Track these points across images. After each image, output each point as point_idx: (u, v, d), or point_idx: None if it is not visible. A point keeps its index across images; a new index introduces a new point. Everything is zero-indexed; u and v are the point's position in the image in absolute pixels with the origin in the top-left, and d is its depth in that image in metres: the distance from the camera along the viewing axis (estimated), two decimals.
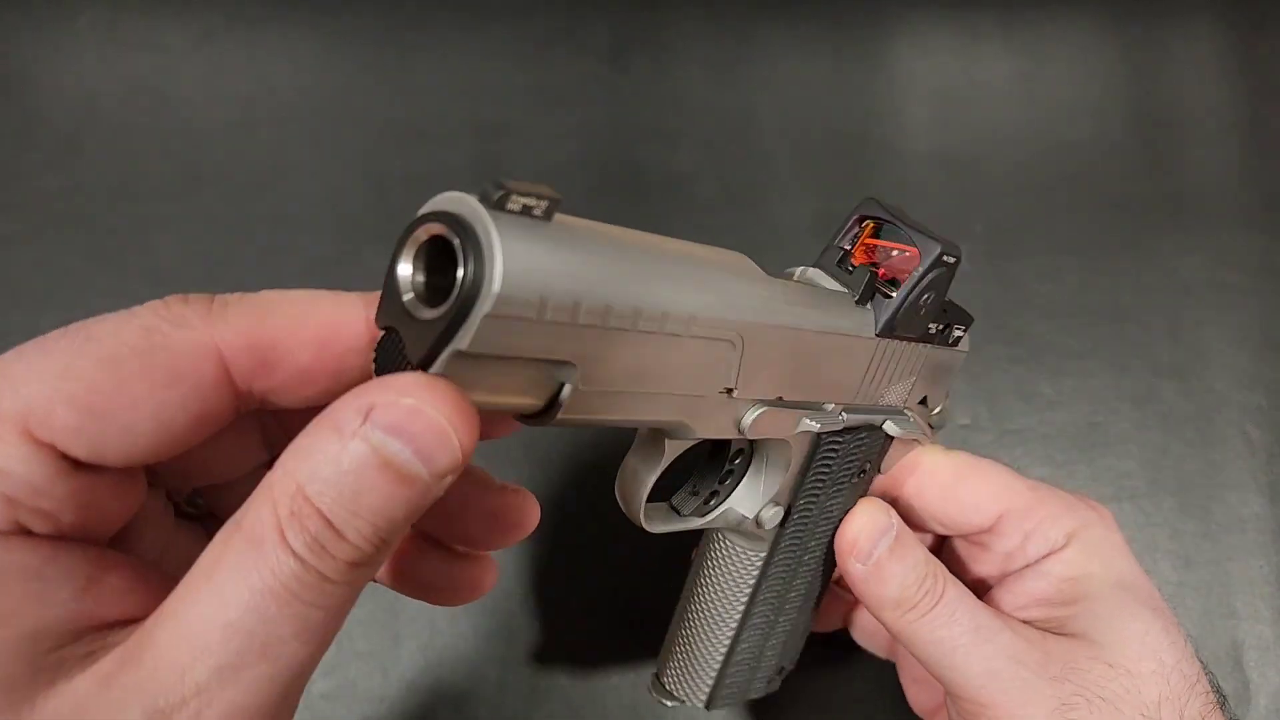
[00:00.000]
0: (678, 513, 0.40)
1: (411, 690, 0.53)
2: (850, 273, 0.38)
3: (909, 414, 0.44)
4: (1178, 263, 0.64)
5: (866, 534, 0.41)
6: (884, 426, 0.42)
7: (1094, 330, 0.63)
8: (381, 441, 0.23)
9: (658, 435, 0.34)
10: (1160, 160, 0.67)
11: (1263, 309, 0.64)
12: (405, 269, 0.24)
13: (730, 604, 0.44)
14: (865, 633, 0.52)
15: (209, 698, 0.22)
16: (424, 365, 0.24)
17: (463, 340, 0.23)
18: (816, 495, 0.42)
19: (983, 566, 0.46)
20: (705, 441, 0.39)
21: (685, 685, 0.45)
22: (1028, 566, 0.44)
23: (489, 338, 0.23)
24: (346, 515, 0.23)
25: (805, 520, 0.42)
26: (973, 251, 0.64)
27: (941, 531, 0.46)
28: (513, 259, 0.23)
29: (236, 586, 0.22)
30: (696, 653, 0.45)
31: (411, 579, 0.35)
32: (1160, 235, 0.65)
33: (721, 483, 0.40)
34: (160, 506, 0.31)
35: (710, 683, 0.45)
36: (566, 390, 0.27)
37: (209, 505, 0.33)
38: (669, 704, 0.46)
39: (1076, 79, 0.69)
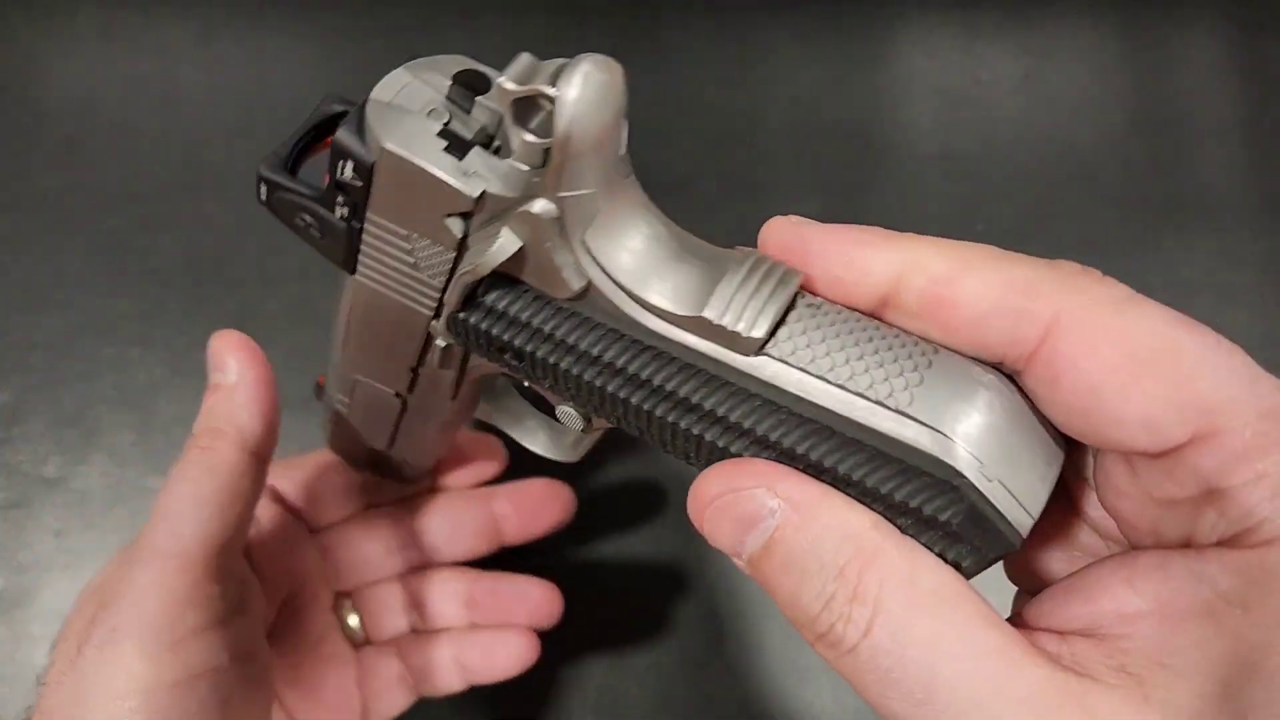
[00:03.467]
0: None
1: None
2: None
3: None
4: (1181, 263, 0.64)
5: (725, 530, 0.24)
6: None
7: None
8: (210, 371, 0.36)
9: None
10: (1164, 160, 0.67)
11: (1267, 310, 0.64)
12: None
13: None
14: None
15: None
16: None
17: None
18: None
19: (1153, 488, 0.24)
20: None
21: None
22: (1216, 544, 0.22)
23: None
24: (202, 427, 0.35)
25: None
26: None
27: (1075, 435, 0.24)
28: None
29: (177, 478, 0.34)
30: None
31: None
32: (1164, 235, 0.65)
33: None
34: None
35: None
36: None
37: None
38: None
39: (1080, 78, 0.69)
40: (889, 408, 0.23)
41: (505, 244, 0.25)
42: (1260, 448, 0.21)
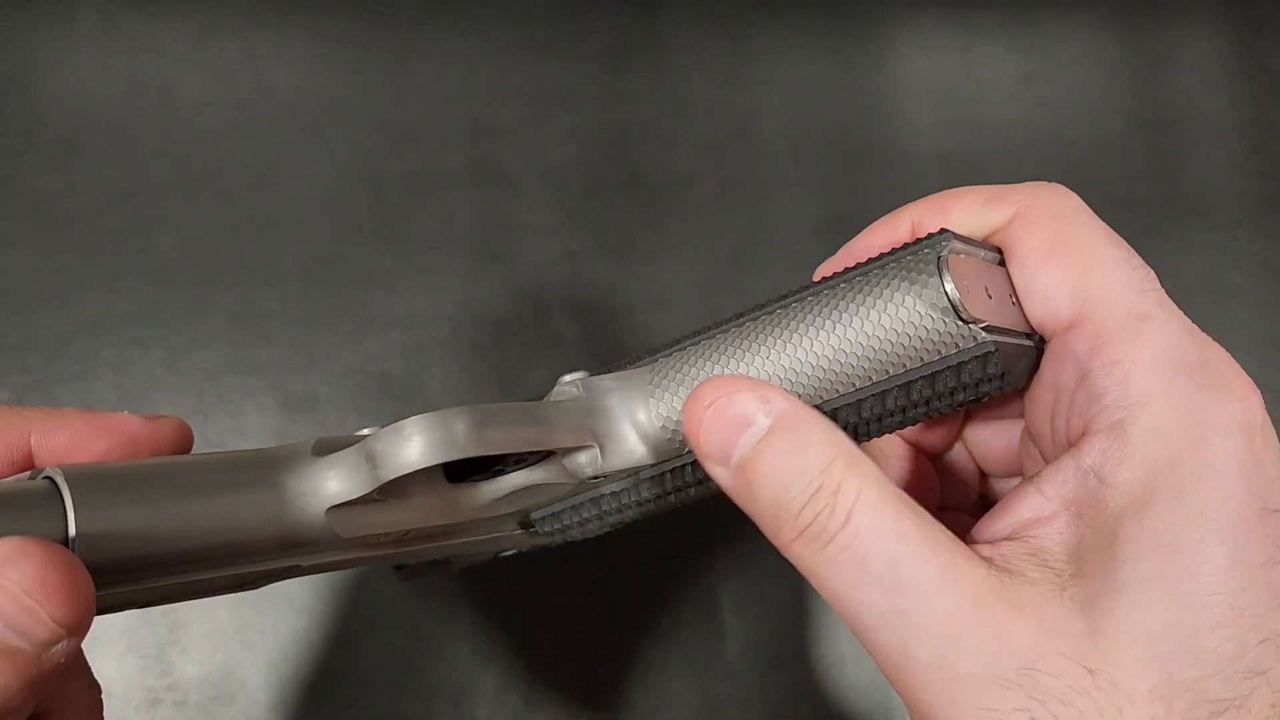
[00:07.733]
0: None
1: (410, 691, 0.53)
2: None
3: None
4: (1180, 264, 0.64)
5: (720, 432, 0.26)
6: None
7: None
8: None
9: None
10: (1162, 160, 0.67)
11: (1265, 310, 0.64)
12: None
13: None
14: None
15: None
16: None
17: None
18: None
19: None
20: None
21: None
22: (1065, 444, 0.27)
23: None
24: None
25: None
26: None
27: None
28: None
29: None
30: None
31: None
32: (1162, 236, 0.65)
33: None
34: None
35: None
36: None
37: None
38: None
39: (1078, 78, 0.69)
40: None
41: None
42: (1122, 341, 0.26)
